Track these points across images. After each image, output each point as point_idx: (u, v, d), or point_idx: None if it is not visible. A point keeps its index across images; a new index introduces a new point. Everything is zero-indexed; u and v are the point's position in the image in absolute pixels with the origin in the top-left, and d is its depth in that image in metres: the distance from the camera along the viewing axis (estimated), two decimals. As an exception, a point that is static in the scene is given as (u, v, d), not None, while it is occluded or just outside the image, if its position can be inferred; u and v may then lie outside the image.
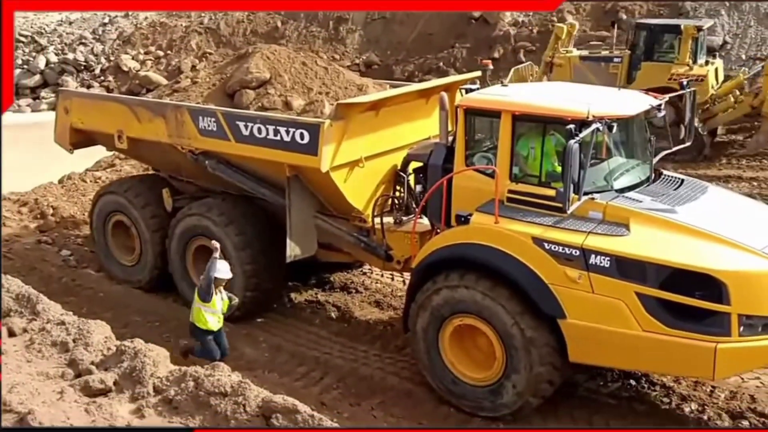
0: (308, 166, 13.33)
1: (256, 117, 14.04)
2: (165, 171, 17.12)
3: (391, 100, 13.98)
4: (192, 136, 14.80)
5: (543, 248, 10.91)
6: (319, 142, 12.92)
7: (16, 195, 22.97)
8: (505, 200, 11.57)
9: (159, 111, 15.42)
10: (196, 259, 15.56)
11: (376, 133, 13.73)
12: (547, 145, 11.53)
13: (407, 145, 14.16)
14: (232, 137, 14.18)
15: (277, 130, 13.49)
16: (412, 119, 14.34)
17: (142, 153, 16.99)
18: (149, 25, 45.03)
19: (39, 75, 43.27)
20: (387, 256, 13.88)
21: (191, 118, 14.75)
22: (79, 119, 17.04)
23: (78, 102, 17.45)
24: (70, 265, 18.40)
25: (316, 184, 13.76)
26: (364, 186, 13.88)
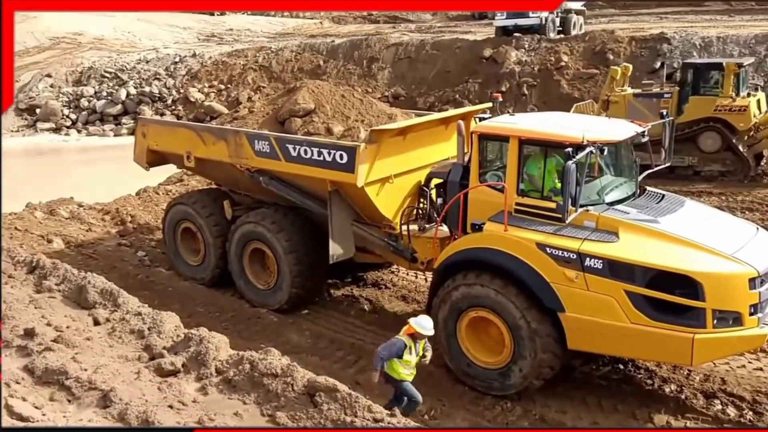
0: (346, 182, 13.32)
1: (303, 141, 14.03)
2: (225, 185, 17.11)
3: (416, 127, 13.97)
4: (249, 156, 14.80)
5: (545, 252, 10.87)
6: (356, 162, 12.94)
7: (100, 205, 23.12)
8: (513, 211, 11.55)
9: (221, 135, 15.46)
10: (251, 260, 15.60)
11: (403, 154, 13.72)
12: (548, 165, 11.51)
13: (429, 164, 14.11)
14: (282, 157, 14.19)
15: (321, 151, 13.51)
16: (434, 142, 14.31)
17: (207, 170, 17.02)
18: (213, 63, 45.22)
19: (120, 105, 43.46)
20: (412, 258, 13.84)
21: (248, 141, 14.76)
22: (155, 142, 17.11)
23: (153, 128, 17.53)
24: (144, 264, 18.48)
25: (353, 197, 13.73)
26: (393, 199, 13.84)
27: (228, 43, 55.53)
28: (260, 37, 60.02)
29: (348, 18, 77.29)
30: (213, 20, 73.29)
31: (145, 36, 60.35)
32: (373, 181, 13.31)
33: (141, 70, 46.13)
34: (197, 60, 46.29)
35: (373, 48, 42.01)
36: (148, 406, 9.33)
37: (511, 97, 34.30)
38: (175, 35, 61.92)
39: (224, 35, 62.20)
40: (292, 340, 14.05)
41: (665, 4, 63.08)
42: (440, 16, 75.54)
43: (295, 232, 14.87)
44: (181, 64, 46.29)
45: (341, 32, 57.66)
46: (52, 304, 12.69)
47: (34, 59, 50.63)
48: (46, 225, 21.24)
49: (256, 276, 15.65)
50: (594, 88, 33.54)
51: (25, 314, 12.01)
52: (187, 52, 48.66)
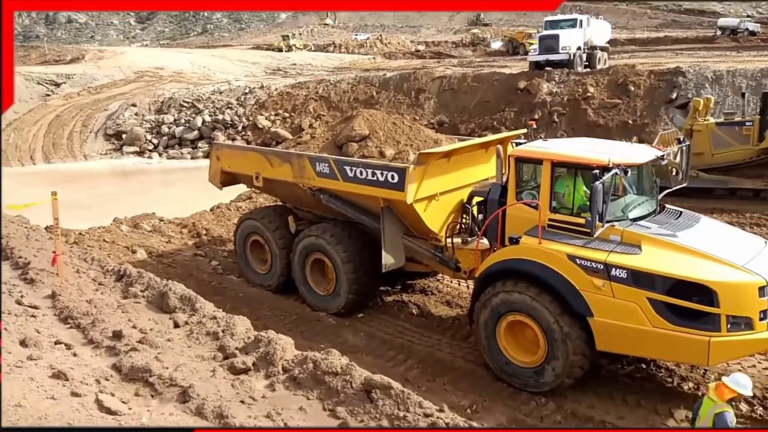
0: (397, 200, 13.40)
1: (359, 163, 14.16)
2: (290, 202, 17.25)
3: (459, 150, 14.01)
4: (311, 177, 14.94)
5: (575, 263, 10.86)
6: (406, 181, 13.02)
7: (178, 220, 23.36)
8: (547, 226, 11.53)
9: (286, 158, 15.61)
10: (312, 269, 15.69)
11: (447, 175, 13.76)
12: (578, 185, 11.52)
13: (471, 184, 14.15)
14: (340, 178, 14.31)
15: (374, 172, 13.61)
16: (475, 164, 14.35)
17: (273, 189, 17.17)
18: (278, 94, 45.61)
19: (197, 131, 43.97)
20: (456, 268, 13.86)
21: (310, 163, 14.90)
22: (227, 164, 17.33)
23: (226, 151, 17.75)
24: (218, 272, 18.59)
25: (403, 212, 13.79)
26: (438, 214, 13.88)
27: (292, 76, 56.04)
28: (320, 70, 60.48)
29: (398, 54, 77.75)
30: (278, 56, 74.13)
31: (219, 70, 61.17)
32: (420, 198, 13.35)
33: (215, 100, 46.69)
34: (264, 91, 46.75)
35: (421, 80, 42.13)
36: (222, 401, 9.42)
37: (544, 124, 34.19)
38: (245, 69, 62.65)
39: (288, 69, 62.79)
40: (349, 341, 14.09)
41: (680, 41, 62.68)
42: (479, 51, 75.63)
43: (352, 245, 14.97)
44: (251, 94, 46.78)
45: (392, 66, 57.96)
46: (137, 308, 12.86)
47: (121, 90, 51.56)
48: (131, 237, 21.53)
49: (317, 283, 15.76)
50: (617, 116, 33.35)
51: (114, 318, 12.17)
52: (255, 84, 49.18)
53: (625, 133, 31.36)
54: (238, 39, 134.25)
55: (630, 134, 30.56)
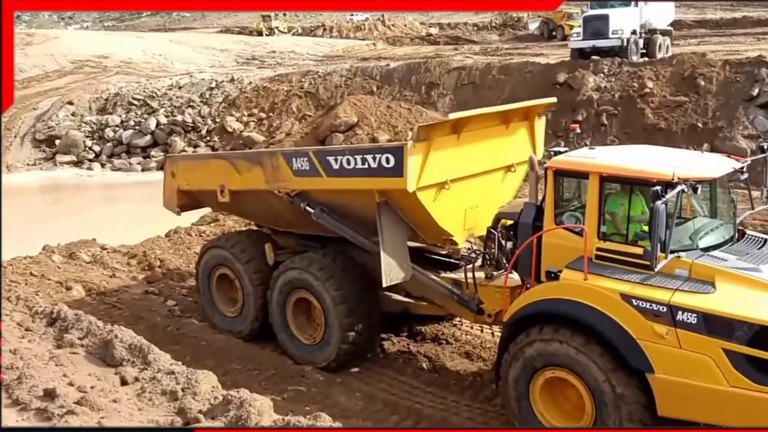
0: (396, 189, 13.33)
1: (344, 149, 14.18)
2: (266, 223, 17.29)
3: (471, 123, 13.79)
4: (287, 178, 14.97)
5: (631, 304, 10.78)
6: (404, 163, 12.94)
7: (125, 248, 23.34)
8: (594, 257, 11.48)
9: (256, 160, 15.70)
10: (295, 311, 15.65)
11: (459, 157, 13.70)
12: (634, 205, 11.49)
13: (491, 171, 14.28)
14: (323, 173, 14.29)
15: (365, 158, 13.56)
16: (494, 145, 14.33)
17: (244, 205, 17.11)
18: (253, 90, 45.82)
19: (150, 135, 44.14)
20: (478, 310, 13.83)
21: (285, 161, 14.94)
22: (185, 180, 17.40)
23: (183, 165, 17.83)
24: (175, 314, 18.56)
25: (405, 208, 13.75)
26: (451, 208, 13.85)
27: (270, 66, 56.31)
28: (306, 60, 60.78)
29: (404, 39, 78.01)
30: (253, 41, 74.38)
31: (178, 59, 61.43)
32: (426, 186, 13.28)
33: (173, 97, 46.89)
34: (235, 86, 46.95)
35: (433, 72, 42.21)
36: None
37: (589, 128, 34.27)
38: (211, 58, 62.96)
39: (266, 58, 63.12)
40: (341, 403, 14.02)
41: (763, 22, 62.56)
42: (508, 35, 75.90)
43: (346, 280, 14.92)
44: (218, 90, 46.99)
45: (397, 54, 58.24)
46: (75, 360, 12.74)
47: (54, 84, 51.80)
48: (65, 270, 21.46)
49: (301, 329, 15.72)
50: (683, 117, 33.35)
51: (45, 372, 12.01)
52: (224, 76, 49.40)
53: (693, 139, 31.47)
54: (203, 20, 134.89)
55: (699, 140, 30.63)
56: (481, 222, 14.44)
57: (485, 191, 14.55)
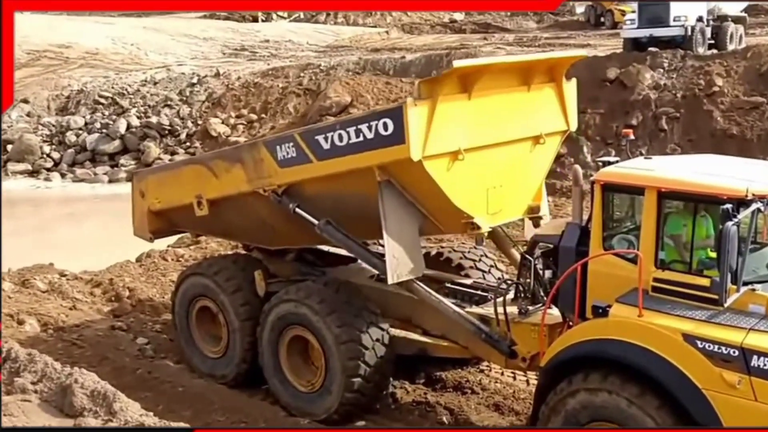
0: (398, 160, 13.25)
1: (335, 123, 14.35)
2: (254, 241, 17.41)
3: (482, 79, 13.62)
4: (272, 171, 15.04)
5: (695, 347, 10.68)
6: (405, 126, 12.86)
7: (88, 274, 23.39)
8: (650, 289, 11.43)
9: (235, 157, 15.84)
10: (290, 352, 15.59)
11: (472, 121, 13.65)
12: (699, 227, 11.45)
13: (513, 141, 14.24)
14: (313, 157, 14.31)
15: (359, 129, 13.55)
16: (513, 110, 14.28)
17: (226, 218, 17.03)
18: (242, 86, 45.95)
19: (119, 140, 44.27)
20: (510, 352, 13.74)
21: (268, 151, 15.03)
22: (156, 199, 17.52)
23: (152, 180, 17.97)
24: (146, 355, 18.53)
25: (412, 185, 13.70)
26: (468, 184, 13.79)
27: (263, 58, 56.46)
28: (305, 51, 60.94)
29: (424, 26, 78.11)
30: (243, 28, 74.52)
31: (153, 49, 61.62)
32: (434, 155, 13.18)
33: (147, 95, 47.08)
34: (221, 81, 47.12)
35: (458, 66, 42.15)
36: None
37: (646, 134, 34.28)
38: (193, 48, 63.15)
39: (258, 48, 63.28)
40: (343, 463, 14.02)
41: None
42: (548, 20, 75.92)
43: (352, 315, 14.81)
44: (200, 86, 47.16)
45: (414, 45, 58.29)
46: (27, 409, 12.71)
47: (7, 80, 51.92)
48: (17, 300, 21.43)
49: (297, 373, 15.67)
50: (759, 121, 33.30)
51: (-8, 424, 12.12)
52: (208, 70, 49.60)
53: (772, 147, 31.37)
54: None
55: (779, 150, 30.56)
56: (509, 206, 14.56)
57: (510, 167, 14.49)
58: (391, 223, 13.71)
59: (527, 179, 14.82)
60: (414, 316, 15.39)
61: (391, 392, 16.08)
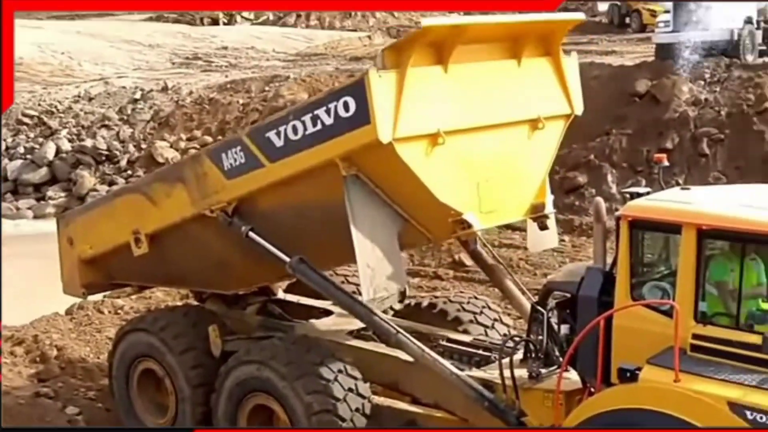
0: (365, 146, 13.20)
1: (287, 114, 14.32)
2: (205, 284, 17.47)
3: (461, 45, 13.55)
4: (219, 186, 15.11)
5: (745, 418, 10.61)
6: (369, 102, 12.80)
7: (9, 330, 23.25)
8: (689, 348, 11.40)
9: (174, 176, 16.07)
10: (252, 425, 15.49)
11: (451, 99, 13.60)
12: (748, 272, 11.40)
13: (505, 124, 14.21)
14: (265, 159, 14.35)
15: (315, 116, 13.54)
16: (502, 87, 14.23)
17: (170, 256, 17.04)
18: (194, 102, 46.06)
19: (46, 168, 44.28)
20: (518, 423, 13.68)
21: (213, 162, 15.15)
22: (87, 244, 17.62)
23: (81, 221, 18.16)
24: (77, 427, 18.41)
25: (385, 179, 13.66)
26: (452, 174, 13.79)
27: (220, 69, 56.62)
28: (272, 60, 61.09)
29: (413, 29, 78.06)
30: (196, 33, 74.69)
31: (89, 59, 61.73)
32: (408, 137, 13.08)
33: (80, 113, 47.12)
34: (170, 97, 47.21)
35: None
36: None
37: (683, 160, 34.31)
38: (136, 57, 63.30)
39: (214, 57, 63.43)
40: None
41: None
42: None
43: (328, 381, 14.69)
44: (144, 103, 47.25)
45: (402, 52, 58.33)
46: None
47: None
48: (-77, 361, 21.41)
49: (259, 452, 15.61)
50: (820, 143, 33.47)
51: None
52: (154, 84, 49.70)
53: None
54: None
55: None
56: (506, 205, 14.61)
57: (504, 157, 14.43)
58: (362, 225, 13.61)
59: (527, 172, 14.82)
60: (402, 381, 15.34)
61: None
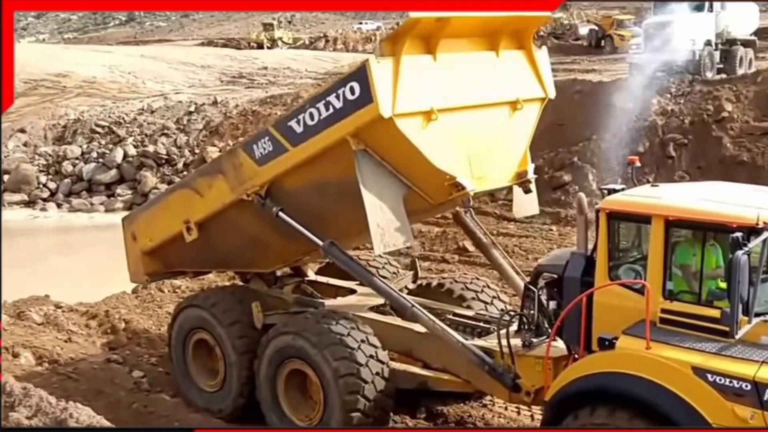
0: (370, 122, 13.33)
1: (304, 104, 14.50)
2: (248, 265, 17.40)
3: (446, 38, 13.85)
4: (252, 173, 15.16)
5: (706, 380, 10.52)
6: (370, 84, 13.04)
7: (84, 306, 23.30)
8: (658, 321, 11.30)
9: (215, 169, 16.07)
10: (288, 386, 15.44)
11: (440, 81, 13.81)
12: (708, 256, 11.32)
13: (489, 105, 14.36)
14: (288, 144, 14.46)
15: (327, 102, 13.71)
16: (483, 73, 14.44)
17: (216, 242, 16.95)
18: (240, 114, 46.06)
19: (115, 170, 44.33)
20: (514, 386, 13.59)
21: (246, 153, 15.23)
22: (148, 238, 17.55)
23: (142, 218, 18.05)
24: (142, 388, 18.37)
25: (388, 150, 13.77)
26: (446, 145, 13.91)
27: (261, 86, 56.62)
28: (304, 78, 61.02)
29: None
30: (241, 56, 74.82)
31: (151, 77, 61.81)
32: (406, 113, 13.30)
33: (143, 123, 47.12)
34: (219, 109, 47.18)
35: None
36: None
37: (653, 161, 34.13)
38: (191, 76, 63.32)
39: (256, 76, 63.43)
40: (341, 501, 13.89)
41: None
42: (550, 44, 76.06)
43: (352, 348, 14.63)
44: (197, 114, 47.22)
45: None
46: (23, 444, 12.69)
47: (3, 109, 51.98)
48: (12, 333, 21.41)
49: (295, 408, 15.49)
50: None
51: (-15, 458, 12.02)
52: (205, 98, 49.73)
53: (785, 174, 31.25)
54: (181, 31, 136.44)
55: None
56: (494, 173, 14.75)
57: (490, 132, 14.59)
58: (372, 192, 13.76)
59: (510, 145, 15.01)
60: (415, 349, 15.30)
61: (391, 427, 15.92)
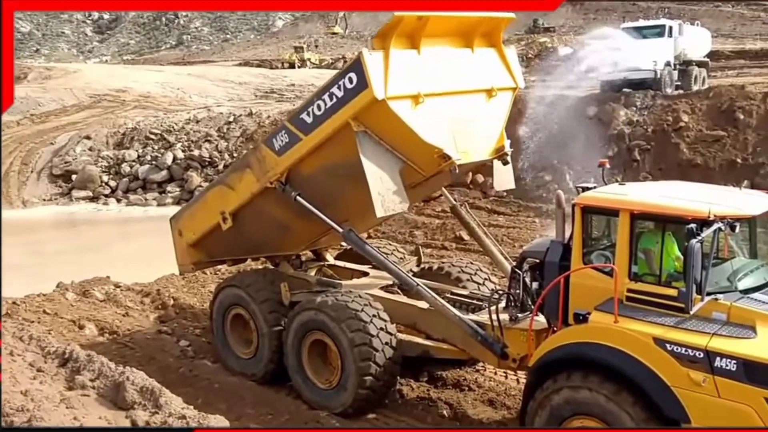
0: (367, 105, 13.49)
1: (312, 97, 14.60)
2: (276, 249, 17.40)
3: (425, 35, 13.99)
4: (274, 163, 15.25)
5: (665, 349, 10.46)
6: (365, 72, 13.25)
7: (139, 285, 23.31)
8: (625, 299, 11.21)
9: (243, 164, 16.25)
10: (311, 354, 15.42)
11: (425, 70, 14.01)
12: (667, 244, 11.21)
13: (468, 91, 14.59)
14: (302, 134, 14.61)
15: (331, 93, 13.94)
16: (461, 65, 14.66)
17: (248, 230, 16.93)
18: (272, 123, 45.87)
19: (166, 170, 44.35)
20: (502, 354, 13.57)
21: (268, 147, 15.38)
22: (192, 232, 17.61)
23: (186, 215, 18.09)
24: (188, 355, 18.40)
25: (384, 130, 13.85)
26: (433, 124, 14.01)
27: (289, 100, 56.50)
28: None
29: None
30: (272, 74, 74.84)
31: (196, 92, 61.82)
32: (397, 96, 13.48)
33: (190, 131, 47.04)
34: (254, 119, 47.05)
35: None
36: None
37: (620, 164, 33.90)
38: (229, 92, 63.31)
39: (285, 91, 63.35)
40: (357, 451, 13.80)
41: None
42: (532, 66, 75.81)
43: (365, 322, 14.64)
44: (236, 124, 47.10)
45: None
46: (86, 403, 12.59)
47: (72, 119, 52.11)
48: (78, 308, 21.48)
49: (317, 373, 15.46)
50: (720, 152, 33.03)
51: (56, 415, 11.89)
52: (242, 110, 49.57)
53: (732, 175, 31.20)
54: (222, 53, 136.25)
55: (738, 177, 30.31)
56: (476, 149, 14.88)
57: (469, 113, 14.73)
58: (371, 165, 13.91)
59: (488, 126, 15.14)
60: (418, 323, 15.31)
61: (398, 389, 15.87)
